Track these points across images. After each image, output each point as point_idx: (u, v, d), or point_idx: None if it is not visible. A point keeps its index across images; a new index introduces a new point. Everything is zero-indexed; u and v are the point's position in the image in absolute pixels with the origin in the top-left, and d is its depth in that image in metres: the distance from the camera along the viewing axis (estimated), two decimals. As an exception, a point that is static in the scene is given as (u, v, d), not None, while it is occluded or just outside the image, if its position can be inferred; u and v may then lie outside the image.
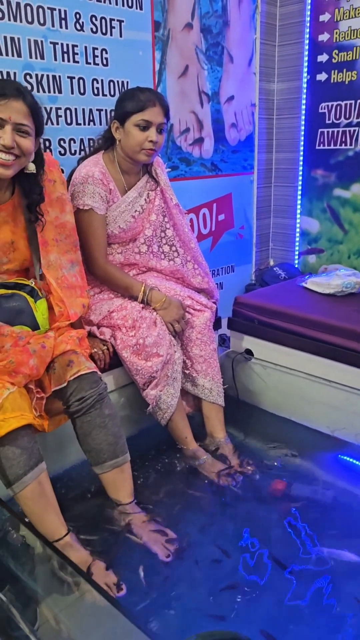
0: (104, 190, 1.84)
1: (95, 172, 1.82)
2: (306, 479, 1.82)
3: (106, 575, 1.37)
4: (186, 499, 1.74)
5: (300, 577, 1.41)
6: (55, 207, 1.66)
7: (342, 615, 1.31)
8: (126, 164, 1.89)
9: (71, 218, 1.72)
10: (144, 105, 1.77)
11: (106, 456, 1.55)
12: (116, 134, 1.85)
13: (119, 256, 1.98)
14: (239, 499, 1.73)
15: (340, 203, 2.91)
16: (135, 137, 1.80)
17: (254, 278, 3.24)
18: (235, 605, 1.34)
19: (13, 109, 1.41)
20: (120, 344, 1.82)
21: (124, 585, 1.35)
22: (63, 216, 1.69)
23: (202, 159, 2.76)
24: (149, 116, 1.78)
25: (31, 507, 1.39)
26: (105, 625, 1.12)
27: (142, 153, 1.83)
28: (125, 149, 1.85)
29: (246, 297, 2.34)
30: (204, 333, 1.97)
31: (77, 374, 1.53)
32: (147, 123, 1.79)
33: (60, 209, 1.68)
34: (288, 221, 3.22)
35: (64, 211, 1.69)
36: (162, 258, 2.04)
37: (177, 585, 1.40)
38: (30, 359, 1.46)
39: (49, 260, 1.64)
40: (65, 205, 1.70)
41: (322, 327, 2.02)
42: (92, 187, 1.81)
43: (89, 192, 1.81)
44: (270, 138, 3.15)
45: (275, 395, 2.20)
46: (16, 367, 1.43)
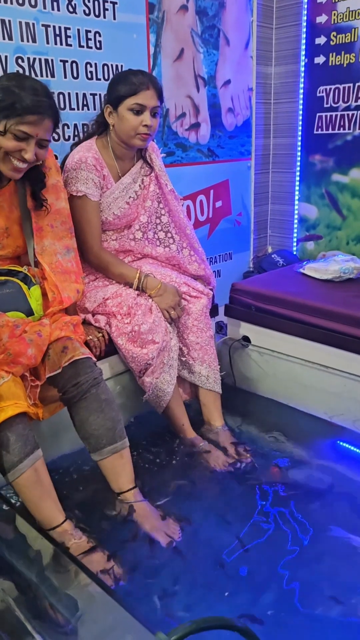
0: (98, 177, 1.82)
1: (89, 157, 1.80)
2: (304, 466, 1.82)
3: (105, 563, 1.37)
4: (185, 486, 1.74)
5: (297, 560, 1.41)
6: (51, 194, 1.65)
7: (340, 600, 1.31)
8: (120, 149, 1.87)
9: (66, 205, 1.71)
10: (137, 89, 1.74)
11: (104, 442, 1.53)
12: (109, 119, 1.82)
13: (114, 243, 1.96)
14: (237, 485, 1.72)
15: (338, 188, 2.88)
16: (129, 121, 1.77)
17: (251, 265, 3.22)
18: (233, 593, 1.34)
19: (42, 127, 1.43)
20: (116, 331, 1.80)
21: (124, 572, 1.35)
22: (58, 203, 1.68)
23: (198, 144, 2.72)
24: (143, 100, 1.75)
25: (27, 494, 1.39)
26: (101, 613, 1.12)
27: (136, 138, 1.80)
28: (119, 133, 1.82)
29: (243, 283, 2.32)
30: (200, 320, 1.95)
31: (72, 359, 1.52)
32: (140, 107, 1.76)
33: (56, 196, 1.67)
34: (286, 207, 3.19)
35: (59, 198, 1.68)
36: (158, 245, 2.02)
37: (176, 573, 1.40)
38: (28, 349, 1.45)
39: (43, 245, 1.63)
40: (60, 192, 1.69)
41: (320, 313, 2.00)
42: (86, 173, 1.79)
43: (82, 179, 1.79)
44: (267, 123, 3.11)
45: (272, 381, 2.19)
46: (14, 358, 1.42)
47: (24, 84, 1.41)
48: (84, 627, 1.10)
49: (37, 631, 1.10)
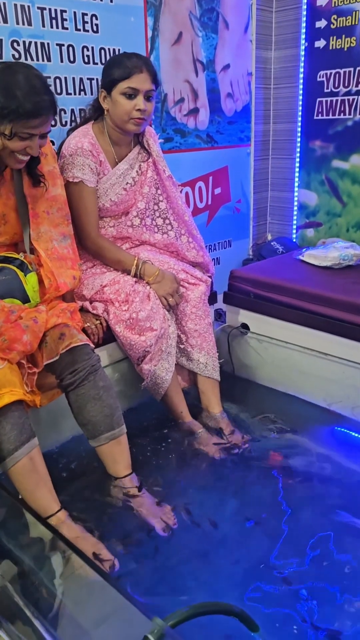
0: (94, 162, 1.80)
1: (85, 143, 1.78)
2: (302, 453, 1.82)
3: (101, 551, 1.37)
4: (183, 473, 1.74)
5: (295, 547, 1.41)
6: (47, 180, 1.64)
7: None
8: (116, 135, 1.84)
9: (62, 191, 1.69)
10: (130, 72, 1.72)
11: (102, 428, 1.53)
12: (104, 104, 1.80)
13: (112, 230, 1.94)
14: (235, 472, 1.73)
15: (338, 175, 2.85)
16: (123, 106, 1.74)
17: (251, 253, 3.20)
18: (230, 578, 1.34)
19: (45, 124, 1.43)
20: (114, 318, 1.79)
21: (117, 561, 1.35)
22: (54, 190, 1.66)
23: (197, 130, 2.69)
24: (136, 83, 1.72)
25: (23, 483, 1.39)
26: (98, 599, 1.12)
27: (130, 123, 1.77)
28: (113, 118, 1.79)
29: (242, 270, 2.31)
30: (199, 307, 1.94)
31: (69, 346, 1.52)
32: (134, 91, 1.73)
33: (52, 182, 1.65)
34: (286, 194, 3.17)
35: (55, 185, 1.67)
36: (156, 231, 2.00)
37: (172, 558, 1.40)
38: (23, 335, 1.44)
39: (39, 231, 1.62)
40: (57, 178, 1.67)
41: (319, 299, 1.99)
42: (82, 159, 1.77)
43: (78, 164, 1.77)
44: (267, 109, 3.07)
45: (271, 369, 2.18)
46: (10, 344, 1.41)
47: (20, 81, 1.37)
48: (81, 612, 1.10)
49: (34, 616, 1.10)
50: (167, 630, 0.84)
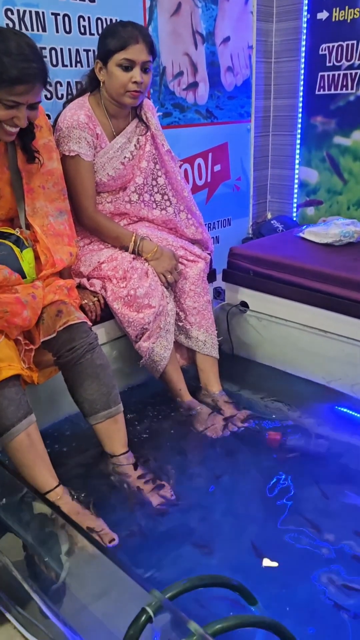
0: (91, 135, 1.76)
1: (81, 115, 1.74)
2: (301, 430, 1.81)
3: (98, 526, 1.37)
4: (180, 451, 1.74)
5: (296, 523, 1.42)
6: (43, 153, 1.60)
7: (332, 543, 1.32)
8: (113, 108, 1.80)
9: (58, 165, 1.66)
10: (125, 43, 1.66)
11: (99, 407, 1.53)
12: (100, 75, 1.75)
13: (109, 205, 1.91)
14: (234, 450, 1.72)
15: (340, 151, 2.81)
16: (119, 78, 1.70)
17: (250, 232, 3.17)
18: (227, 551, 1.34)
19: (32, 93, 1.37)
20: (111, 295, 1.77)
21: (116, 535, 1.35)
22: (50, 163, 1.63)
23: (196, 105, 2.64)
24: (132, 54, 1.67)
25: (20, 459, 1.38)
26: (96, 573, 1.12)
27: (126, 96, 1.73)
28: (109, 91, 1.75)
29: (241, 247, 2.29)
30: (198, 284, 1.92)
31: (67, 323, 1.50)
32: (130, 62, 1.68)
33: (48, 155, 1.62)
34: (286, 172, 3.12)
35: (51, 158, 1.63)
36: (154, 207, 1.97)
37: (170, 533, 1.41)
38: (24, 310, 1.42)
39: (35, 207, 1.59)
40: (52, 152, 1.64)
41: (319, 276, 1.97)
42: (78, 131, 1.73)
43: (74, 137, 1.73)
44: (268, 83, 3.01)
45: (270, 347, 2.17)
46: (10, 317, 1.39)
47: (10, 47, 1.32)
48: (80, 586, 1.11)
49: (33, 590, 1.10)
50: (165, 602, 0.84)
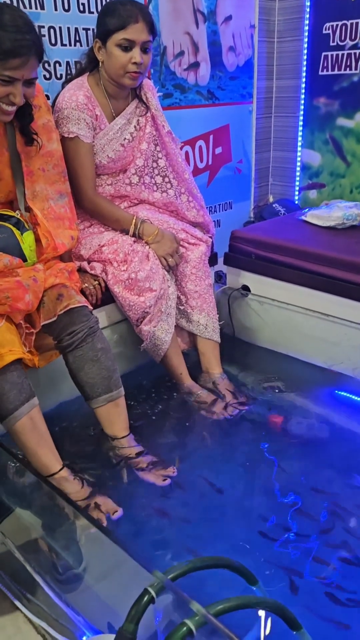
0: (90, 116, 1.73)
1: (80, 96, 1.71)
2: (302, 413, 1.82)
3: (103, 507, 1.38)
4: (181, 434, 1.75)
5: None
6: (42, 134, 1.57)
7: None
8: (112, 88, 1.77)
9: (58, 146, 1.63)
10: (125, 22, 1.62)
11: (100, 390, 1.53)
12: (99, 55, 1.72)
13: (109, 188, 1.89)
14: (235, 433, 1.73)
15: (343, 133, 2.77)
16: (118, 58, 1.66)
17: (252, 215, 3.14)
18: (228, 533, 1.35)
19: (28, 67, 1.34)
20: (112, 279, 1.76)
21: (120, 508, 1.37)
22: (50, 145, 1.60)
23: (197, 85, 2.60)
24: (132, 34, 1.63)
25: (24, 442, 1.39)
26: (99, 554, 1.13)
27: (126, 77, 1.69)
28: (108, 71, 1.72)
29: (243, 231, 2.27)
30: (199, 268, 1.90)
31: (67, 307, 1.49)
32: (129, 42, 1.64)
33: (47, 136, 1.59)
34: (288, 154, 3.09)
35: (51, 139, 1.60)
36: (155, 190, 1.95)
37: (172, 515, 1.41)
38: (25, 295, 1.41)
39: (35, 190, 1.57)
40: (52, 132, 1.61)
41: (322, 260, 1.96)
42: (77, 112, 1.70)
43: (73, 119, 1.70)
44: (270, 64, 2.96)
45: (272, 331, 2.16)
46: (12, 302, 1.38)
47: (3, 20, 1.29)
48: (83, 567, 1.11)
49: (36, 571, 1.11)
50: (167, 583, 0.84)
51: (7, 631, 1.11)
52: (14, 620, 1.13)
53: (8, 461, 1.34)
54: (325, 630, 1.12)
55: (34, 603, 1.12)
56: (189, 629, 0.76)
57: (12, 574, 1.18)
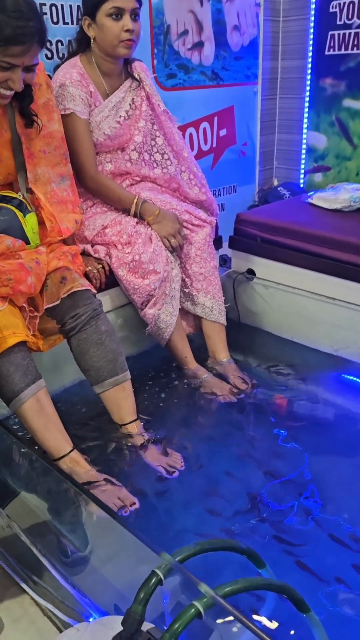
0: (84, 92, 1.72)
1: (73, 73, 1.70)
2: (309, 398, 1.80)
3: (112, 491, 1.37)
4: (188, 419, 1.74)
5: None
6: (42, 114, 1.54)
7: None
8: (106, 65, 1.75)
9: (60, 127, 1.60)
10: None
11: (105, 374, 1.51)
12: (89, 32, 1.70)
13: (109, 165, 1.87)
14: (241, 417, 1.72)
15: (349, 115, 2.73)
16: (110, 29, 1.65)
17: (256, 199, 3.11)
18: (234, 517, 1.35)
19: (29, 55, 1.31)
20: (116, 262, 1.74)
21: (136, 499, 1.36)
22: (51, 125, 1.57)
23: (202, 66, 2.56)
24: (121, 2, 1.63)
25: (31, 424, 1.38)
26: (107, 537, 1.13)
27: (120, 46, 1.68)
28: (102, 45, 1.70)
29: (249, 214, 2.24)
30: (204, 249, 1.88)
31: (71, 290, 1.48)
32: (119, 10, 1.63)
33: (48, 116, 1.56)
34: (293, 137, 3.04)
35: (52, 119, 1.57)
36: (155, 167, 1.93)
37: (179, 500, 1.41)
38: (28, 277, 1.39)
39: (37, 173, 1.55)
40: (53, 112, 1.58)
41: (328, 242, 1.93)
42: (72, 89, 1.69)
43: (68, 95, 1.69)
44: (275, 43, 2.91)
45: (277, 315, 2.14)
46: (15, 285, 1.37)
47: (5, 3, 1.25)
48: (91, 550, 1.11)
49: (42, 554, 1.11)
50: (175, 565, 0.83)
51: (13, 613, 1.11)
52: (20, 603, 1.13)
53: (13, 444, 1.33)
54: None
55: (40, 585, 1.12)
56: (198, 610, 0.75)
57: (18, 556, 1.17)
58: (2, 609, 1.10)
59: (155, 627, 0.80)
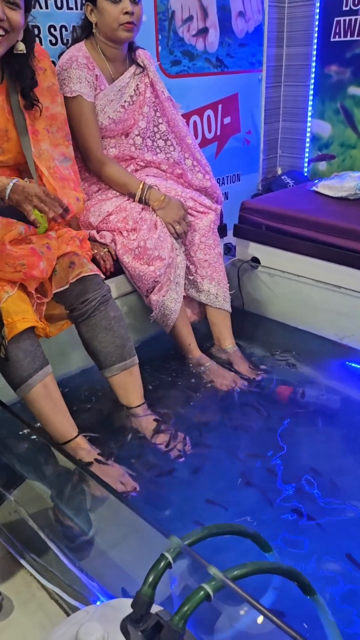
0: (90, 75, 1.72)
1: (79, 56, 1.70)
2: (313, 386, 1.80)
3: (119, 475, 1.38)
4: (192, 405, 1.74)
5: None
6: (46, 97, 1.54)
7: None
8: (109, 50, 1.75)
9: (62, 110, 1.60)
10: None
11: (114, 359, 1.52)
12: (91, 17, 1.71)
13: (113, 150, 1.87)
14: (245, 404, 1.72)
15: (355, 103, 2.71)
16: (110, 12, 1.65)
17: (260, 187, 3.09)
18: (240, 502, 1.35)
19: None
20: (122, 248, 1.74)
21: (137, 484, 1.37)
22: (54, 107, 1.57)
23: (206, 52, 2.53)
24: None
25: (38, 409, 1.38)
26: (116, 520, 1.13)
27: (120, 29, 1.68)
28: (103, 30, 1.70)
29: (254, 201, 2.23)
30: (208, 236, 1.88)
31: (80, 275, 1.48)
32: None
33: (51, 99, 1.55)
34: (298, 125, 3.02)
35: (55, 102, 1.57)
36: (158, 152, 1.92)
37: (186, 484, 1.42)
38: (40, 262, 1.39)
39: (40, 148, 1.54)
40: (56, 96, 1.58)
41: (333, 230, 1.92)
42: (78, 71, 1.69)
43: (74, 77, 1.69)
44: (280, 30, 2.88)
45: (282, 303, 2.14)
46: (27, 270, 1.36)
47: None
48: (99, 534, 1.11)
49: (50, 538, 1.11)
50: (184, 548, 0.83)
51: (21, 597, 1.11)
52: (28, 587, 1.13)
53: (20, 429, 1.34)
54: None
55: (48, 570, 1.13)
56: (207, 593, 0.76)
57: (25, 541, 1.18)
58: (11, 592, 1.11)
59: (164, 609, 0.81)
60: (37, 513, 1.20)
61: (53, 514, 1.19)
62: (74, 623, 0.81)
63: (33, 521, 1.17)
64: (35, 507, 1.22)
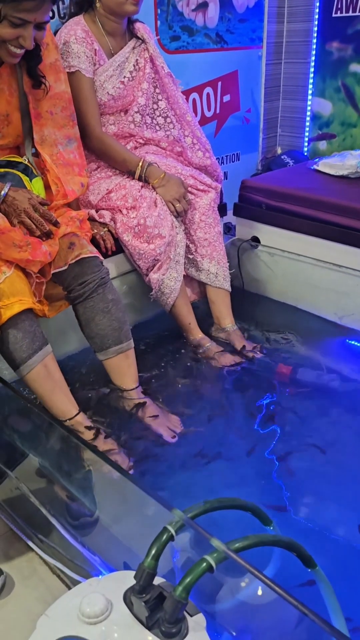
0: (89, 50, 1.69)
1: (78, 30, 1.67)
2: (312, 365, 1.81)
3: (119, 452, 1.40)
4: (190, 385, 1.74)
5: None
6: (50, 74, 1.51)
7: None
8: (110, 24, 1.72)
9: (67, 88, 1.57)
10: None
11: (110, 342, 1.52)
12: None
13: (112, 127, 1.85)
14: (244, 384, 1.72)
15: (356, 80, 2.67)
16: None
17: (260, 167, 3.06)
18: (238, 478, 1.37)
19: (41, 11, 1.27)
20: (121, 226, 1.73)
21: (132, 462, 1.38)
22: (58, 85, 1.54)
23: (206, 28, 2.49)
24: None
25: (39, 389, 1.39)
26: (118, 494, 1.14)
27: (128, 3, 1.65)
28: (108, 4, 1.67)
29: (254, 180, 2.21)
30: (208, 215, 1.86)
31: (79, 257, 1.47)
32: None
33: (55, 77, 1.53)
34: (298, 103, 2.98)
35: (59, 80, 1.54)
36: (158, 129, 1.90)
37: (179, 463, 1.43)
38: (42, 245, 1.38)
39: (43, 134, 1.52)
40: (60, 73, 1.55)
41: (334, 208, 1.91)
42: (76, 46, 1.66)
43: (73, 52, 1.66)
44: (281, 5, 2.82)
45: (282, 283, 2.13)
46: (32, 250, 1.35)
47: None
48: (101, 509, 1.12)
49: (51, 514, 1.12)
50: (187, 520, 0.84)
51: (23, 572, 1.12)
52: (29, 562, 1.14)
53: (21, 406, 1.34)
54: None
55: (49, 545, 1.13)
56: (209, 564, 0.76)
57: (27, 517, 1.19)
58: (12, 568, 1.12)
59: (166, 581, 0.82)
60: (38, 490, 1.20)
61: (55, 491, 1.19)
62: (77, 594, 0.82)
63: (35, 497, 1.18)
64: (37, 485, 1.23)
